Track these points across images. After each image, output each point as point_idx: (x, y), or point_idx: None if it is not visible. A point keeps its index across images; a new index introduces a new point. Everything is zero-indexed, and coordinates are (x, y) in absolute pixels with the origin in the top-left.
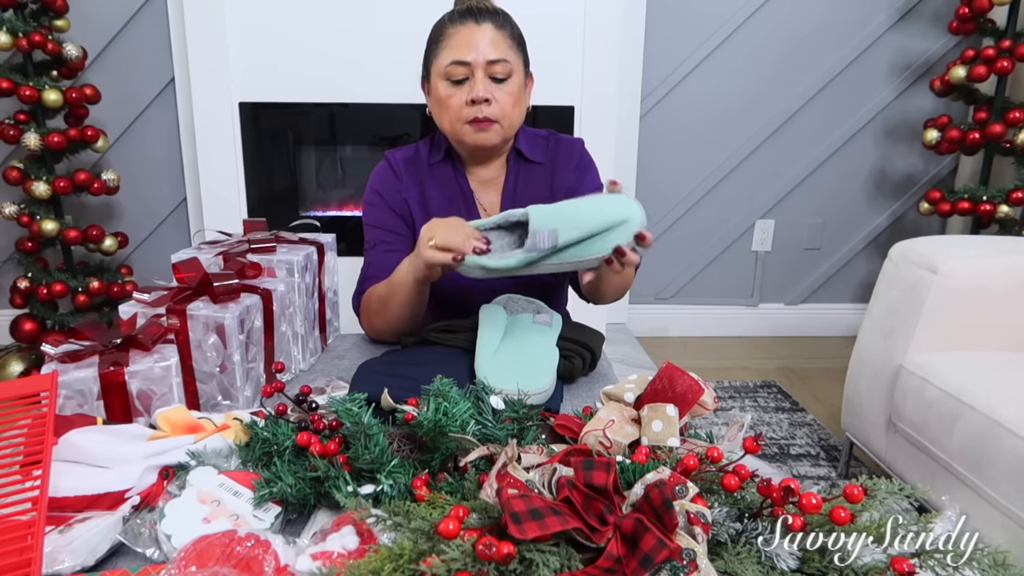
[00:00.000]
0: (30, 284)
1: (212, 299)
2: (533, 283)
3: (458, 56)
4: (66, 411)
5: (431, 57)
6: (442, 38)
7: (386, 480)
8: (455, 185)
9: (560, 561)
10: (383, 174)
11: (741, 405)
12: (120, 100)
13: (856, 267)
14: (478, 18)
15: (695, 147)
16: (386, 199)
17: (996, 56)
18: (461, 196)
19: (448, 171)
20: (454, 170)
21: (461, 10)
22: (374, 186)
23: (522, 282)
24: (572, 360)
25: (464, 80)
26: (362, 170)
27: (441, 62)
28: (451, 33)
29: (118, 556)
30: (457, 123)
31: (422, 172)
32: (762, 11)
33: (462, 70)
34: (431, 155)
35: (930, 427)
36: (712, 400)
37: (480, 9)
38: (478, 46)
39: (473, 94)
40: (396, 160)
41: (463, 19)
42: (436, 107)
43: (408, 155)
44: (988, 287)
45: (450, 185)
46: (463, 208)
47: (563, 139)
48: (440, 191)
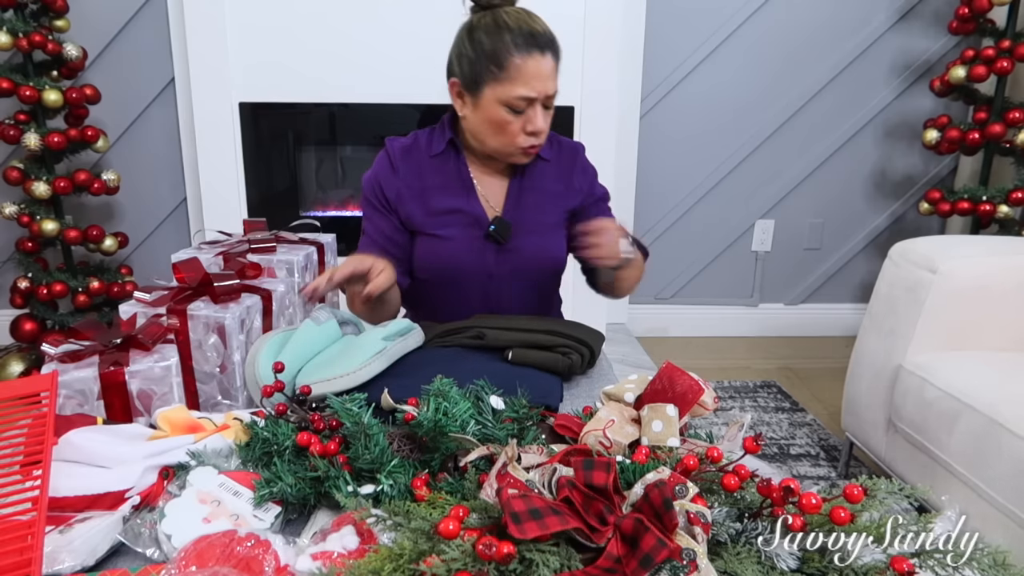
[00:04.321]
0: (30, 284)
1: (212, 299)
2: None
3: (527, 93)
4: (66, 411)
5: (489, 78)
6: (508, 66)
7: (386, 480)
8: (456, 174)
9: (560, 561)
10: (381, 163)
11: (741, 405)
12: (120, 100)
13: (856, 267)
14: (542, 48)
15: (695, 147)
16: (377, 195)
17: (996, 56)
18: (462, 186)
19: (450, 161)
20: (456, 161)
21: (525, 36)
22: (370, 178)
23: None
24: (571, 357)
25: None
26: (362, 170)
27: (507, 92)
28: (518, 64)
29: (118, 556)
30: (510, 147)
31: (421, 162)
32: (762, 11)
33: (525, 103)
34: (431, 146)
35: (930, 427)
36: (712, 400)
37: (541, 36)
38: (544, 82)
39: (533, 127)
40: (394, 150)
41: (528, 49)
42: (486, 126)
43: (406, 144)
44: (988, 287)
45: (450, 174)
46: (464, 196)
47: (564, 141)
48: (440, 180)
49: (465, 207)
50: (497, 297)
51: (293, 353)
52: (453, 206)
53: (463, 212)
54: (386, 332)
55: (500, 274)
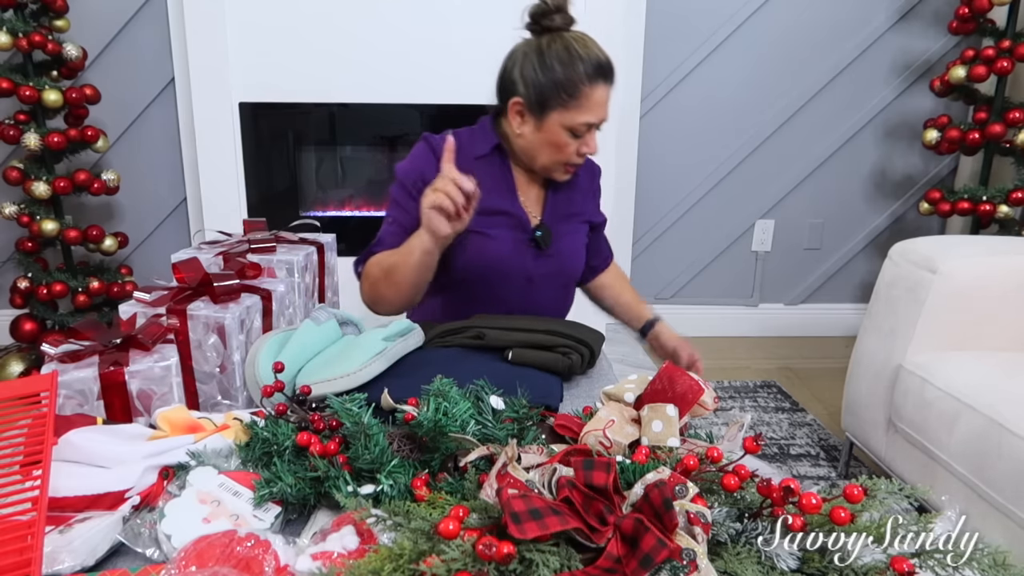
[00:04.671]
0: (30, 284)
1: (212, 299)
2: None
3: (591, 119)
4: (66, 411)
5: (557, 105)
6: (578, 95)
7: (386, 480)
8: (501, 178)
9: (560, 561)
10: (423, 156)
11: (741, 405)
12: (120, 100)
13: (856, 267)
14: (607, 77)
15: (695, 147)
16: (418, 186)
17: (996, 56)
18: (507, 189)
19: (495, 164)
20: (501, 165)
21: (595, 66)
22: (411, 168)
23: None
24: (571, 357)
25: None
26: (362, 170)
27: (573, 118)
28: (588, 93)
29: (118, 556)
30: (558, 163)
31: (467, 161)
32: (762, 11)
33: (586, 128)
34: (473, 146)
35: (930, 427)
36: (712, 400)
37: (607, 65)
38: (605, 109)
39: (589, 150)
40: (438, 144)
41: (598, 79)
42: (544, 146)
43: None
44: (988, 287)
45: (496, 177)
46: (509, 200)
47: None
48: (486, 181)
49: (511, 210)
50: (533, 298)
51: (293, 353)
52: (500, 207)
53: (509, 215)
54: (386, 333)
55: (538, 277)
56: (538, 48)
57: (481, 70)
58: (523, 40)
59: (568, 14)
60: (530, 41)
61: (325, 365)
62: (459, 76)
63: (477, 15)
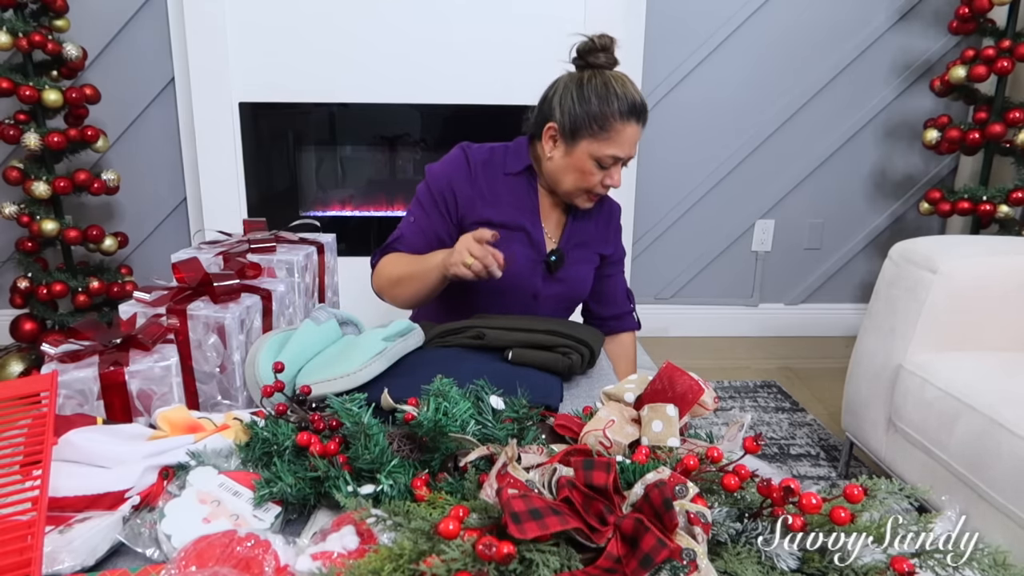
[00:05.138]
0: (30, 284)
1: (212, 299)
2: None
3: (620, 154)
4: (66, 411)
5: (588, 135)
6: (610, 129)
7: (386, 480)
8: (526, 197)
9: (560, 561)
10: (457, 164)
11: (741, 405)
12: (120, 100)
13: (856, 267)
14: (640, 119)
15: (695, 147)
16: (444, 193)
17: (996, 56)
18: (530, 209)
19: (523, 184)
20: (528, 186)
21: (630, 106)
22: (442, 174)
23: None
24: (571, 357)
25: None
26: (362, 170)
27: (601, 150)
28: (620, 129)
29: (118, 556)
30: (580, 190)
31: (497, 176)
32: (762, 11)
33: (612, 161)
34: (506, 164)
35: (930, 427)
36: (712, 400)
37: (640, 107)
38: (633, 146)
39: (611, 182)
40: (476, 159)
41: (630, 118)
42: (571, 171)
43: (485, 157)
44: (988, 287)
45: (522, 196)
46: (528, 219)
47: (607, 196)
48: (512, 198)
49: (530, 229)
50: (535, 313)
51: (293, 353)
52: (521, 224)
53: (528, 233)
54: (386, 333)
55: (543, 296)
56: (579, 81)
57: (481, 70)
58: (567, 72)
59: (612, 55)
60: (573, 74)
61: (325, 365)
62: (459, 76)
63: (477, 15)
